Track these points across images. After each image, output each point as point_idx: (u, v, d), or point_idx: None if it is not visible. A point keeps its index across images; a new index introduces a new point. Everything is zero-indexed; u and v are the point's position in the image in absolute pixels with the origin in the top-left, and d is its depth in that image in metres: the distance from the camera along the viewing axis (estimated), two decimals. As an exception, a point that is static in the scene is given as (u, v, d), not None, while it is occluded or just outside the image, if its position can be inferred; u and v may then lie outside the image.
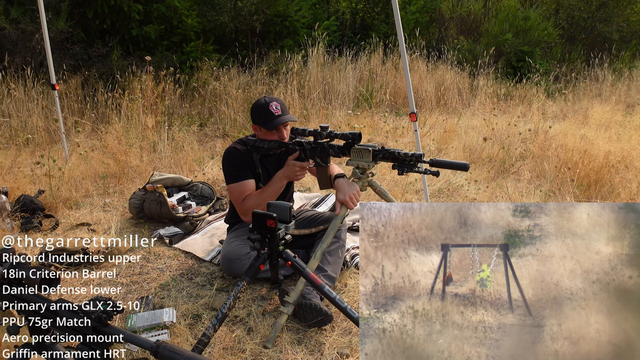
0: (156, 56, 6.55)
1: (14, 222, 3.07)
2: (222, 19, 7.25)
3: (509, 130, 5.31)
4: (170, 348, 1.03)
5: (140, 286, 2.44)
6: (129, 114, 5.13)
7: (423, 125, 5.86)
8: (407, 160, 2.07)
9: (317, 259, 2.11)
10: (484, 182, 4.04)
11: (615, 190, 3.56)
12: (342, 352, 1.93)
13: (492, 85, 7.69)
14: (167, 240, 2.94)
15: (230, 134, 5.45)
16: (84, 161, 4.31)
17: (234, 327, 2.09)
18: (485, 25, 9.57)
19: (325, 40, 7.30)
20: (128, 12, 6.36)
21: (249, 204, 2.30)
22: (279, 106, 2.33)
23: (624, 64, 8.94)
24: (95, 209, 3.49)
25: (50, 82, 4.28)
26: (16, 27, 5.93)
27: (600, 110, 6.28)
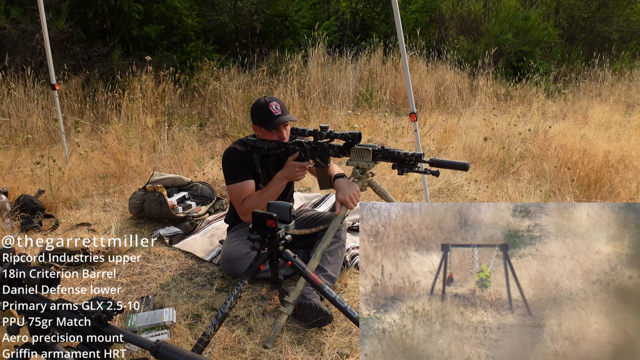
0: (156, 56, 6.55)
1: (14, 222, 3.07)
2: (222, 19, 7.25)
3: (508, 130, 5.31)
4: (170, 348, 1.03)
5: (140, 286, 2.44)
6: (129, 114, 5.13)
7: (423, 125, 5.86)
8: (407, 160, 2.07)
9: (317, 259, 2.11)
10: (484, 182, 4.04)
11: (615, 190, 3.56)
12: (342, 352, 1.93)
13: (492, 85, 7.69)
14: (167, 240, 2.94)
15: (230, 134, 5.45)
16: (84, 161, 4.31)
17: (234, 327, 2.09)
18: (485, 25, 9.57)
19: (326, 40, 7.30)
20: (128, 12, 6.36)
21: (249, 204, 2.30)
22: (279, 106, 2.33)
23: (624, 64, 8.93)
24: (95, 209, 3.49)
25: (50, 82, 4.28)
26: (16, 27, 5.93)
27: (600, 110, 6.28)
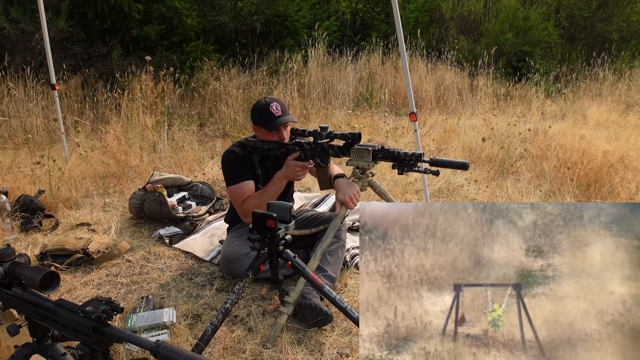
0: (156, 56, 6.55)
1: (14, 222, 3.07)
2: (222, 19, 7.25)
3: (508, 130, 5.32)
4: (170, 348, 1.03)
5: (140, 286, 2.44)
6: (129, 114, 5.13)
7: (423, 125, 5.86)
8: (407, 160, 2.07)
9: (317, 259, 2.11)
10: (484, 182, 4.04)
11: (615, 190, 3.56)
12: (342, 352, 1.93)
13: (492, 85, 7.69)
14: (167, 240, 2.94)
15: (230, 134, 5.45)
16: (84, 161, 4.31)
17: (234, 327, 2.09)
18: (485, 25, 9.57)
19: (326, 40, 7.29)
20: (128, 12, 6.36)
21: (249, 205, 2.31)
22: (279, 107, 2.33)
23: (624, 64, 8.93)
24: (95, 209, 3.49)
25: (50, 82, 4.29)
26: (16, 26, 5.93)
27: (600, 111, 6.28)
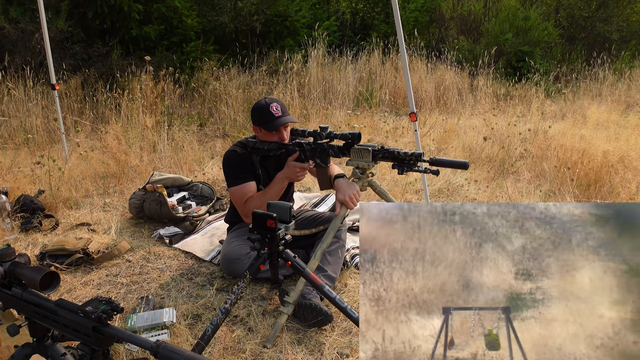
0: (156, 56, 6.55)
1: (14, 222, 3.07)
2: (222, 19, 7.25)
3: (508, 130, 5.32)
4: (170, 348, 1.03)
5: (140, 286, 2.44)
6: (129, 114, 5.13)
7: (423, 125, 5.86)
8: (407, 160, 2.07)
9: (317, 259, 2.11)
10: (484, 182, 4.04)
11: (615, 190, 3.56)
12: (342, 352, 1.93)
13: (492, 85, 7.69)
14: (167, 240, 2.94)
15: (230, 134, 5.45)
16: (84, 161, 4.31)
17: (234, 327, 2.09)
18: (485, 25, 9.57)
19: (326, 40, 7.29)
20: (128, 12, 6.36)
21: (251, 205, 2.30)
22: (279, 107, 2.33)
23: (624, 64, 8.93)
24: (95, 209, 3.49)
25: (50, 82, 4.28)
26: (16, 26, 5.93)
27: (600, 111, 6.28)
